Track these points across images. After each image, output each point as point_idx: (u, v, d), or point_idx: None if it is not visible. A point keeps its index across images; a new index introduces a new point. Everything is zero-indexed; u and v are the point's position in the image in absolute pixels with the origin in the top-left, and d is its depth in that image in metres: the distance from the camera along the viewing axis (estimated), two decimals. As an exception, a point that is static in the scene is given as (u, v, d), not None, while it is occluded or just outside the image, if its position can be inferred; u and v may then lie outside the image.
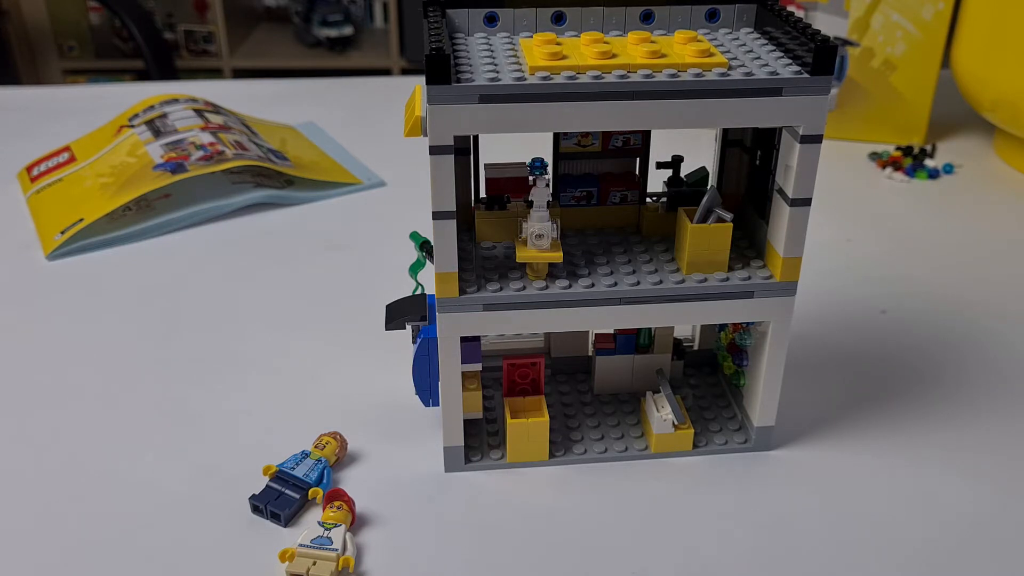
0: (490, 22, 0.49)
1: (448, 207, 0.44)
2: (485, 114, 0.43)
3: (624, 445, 0.53)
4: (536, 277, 0.49)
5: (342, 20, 2.60)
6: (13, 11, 2.50)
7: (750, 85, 0.43)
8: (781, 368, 0.51)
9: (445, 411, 0.50)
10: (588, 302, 0.48)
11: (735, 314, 0.49)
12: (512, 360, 0.53)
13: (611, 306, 0.48)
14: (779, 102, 0.44)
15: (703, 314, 0.49)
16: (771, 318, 0.50)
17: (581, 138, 0.52)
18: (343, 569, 0.45)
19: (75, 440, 0.55)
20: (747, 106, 0.44)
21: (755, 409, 0.53)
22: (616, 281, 0.48)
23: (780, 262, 0.48)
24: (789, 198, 0.46)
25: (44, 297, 0.70)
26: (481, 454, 0.53)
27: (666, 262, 0.50)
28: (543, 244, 0.48)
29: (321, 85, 1.21)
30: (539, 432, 0.52)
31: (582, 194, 0.53)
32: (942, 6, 0.91)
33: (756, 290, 0.49)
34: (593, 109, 0.43)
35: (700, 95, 0.43)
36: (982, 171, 0.95)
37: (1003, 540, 0.48)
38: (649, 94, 0.43)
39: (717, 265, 0.49)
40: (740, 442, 0.54)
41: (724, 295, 0.49)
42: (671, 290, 0.48)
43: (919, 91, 0.96)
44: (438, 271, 0.46)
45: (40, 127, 1.03)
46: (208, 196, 0.83)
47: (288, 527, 0.48)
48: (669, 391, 0.53)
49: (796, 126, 0.45)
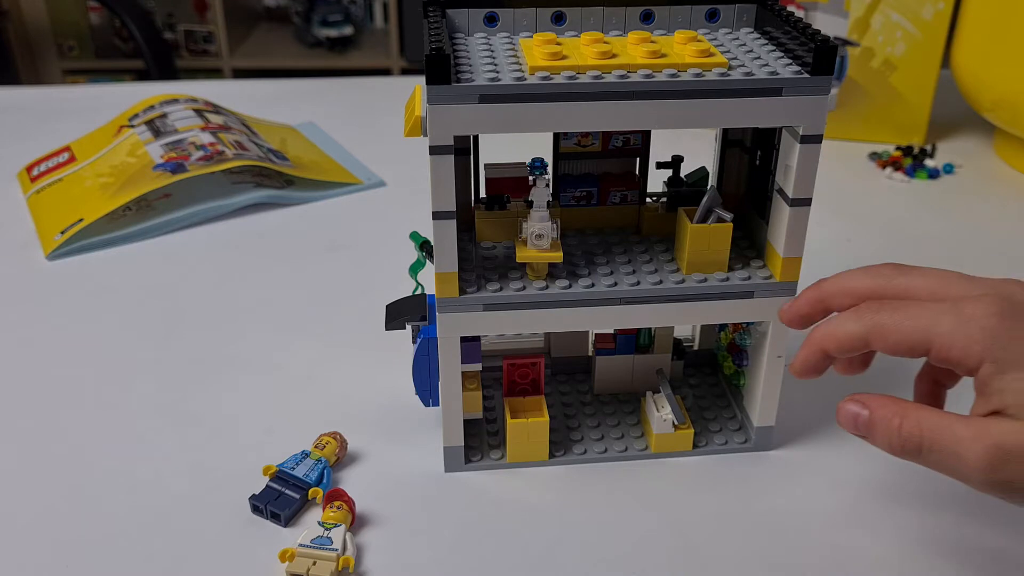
0: (490, 22, 0.49)
1: (448, 207, 0.44)
2: (485, 114, 0.43)
3: (624, 445, 0.53)
4: (536, 277, 0.49)
5: (342, 20, 2.60)
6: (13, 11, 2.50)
7: (750, 85, 0.43)
8: (781, 368, 0.51)
9: (445, 411, 0.50)
10: (588, 302, 0.48)
11: (735, 314, 0.49)
12: (512, 360, 0.53)
13: (611, 306, 0.48)
14: (779, 102, 0.44)
15: (703, 314, 0.49)
16: (771, 318, 0.50)
17: (581, 138, 0.52)
18: (343, 569, 0.45)
19: (75, 440, 0.55)
20: (747, 106, 0.44)
21: (755, 409, 0.53)
22: (616, 281, 0.48)
23: (780, 262, 0.48)
24: (789, 198, 0.46)
25: (44, 297, 0.70)
26: (481, 454, 0.53)
27: (666, 262, 0.50)
28: (543, 244, 0.48)
29: (321, 85, 1.21)
30: (539, 432, 0.52)
31: (582, 194, 0.53)
32: (942, 6, 0.91)
33: (756, 290, 0.49)
34: (593, 109, 0.43)
35: (700, 95, 0.43)
36: (982, 171, 0.95)
37: (1005, 539, 0.48)
38: (649, 94, 0.43)
39: (717, 265, 0.49)
40: (740, 442, 0.54)
41: (724, 295, 0.49)
42: (671, 290, 0.48)
43: (919, 91, 0.96)
44: (438, 271, 0.46)
45: (40, 127, 1.03)
46: (208, 196, 0.83)
47: (288, 527, 0.48)
48: (669, 391, 0.53)
49: (796, 126, 0.45)
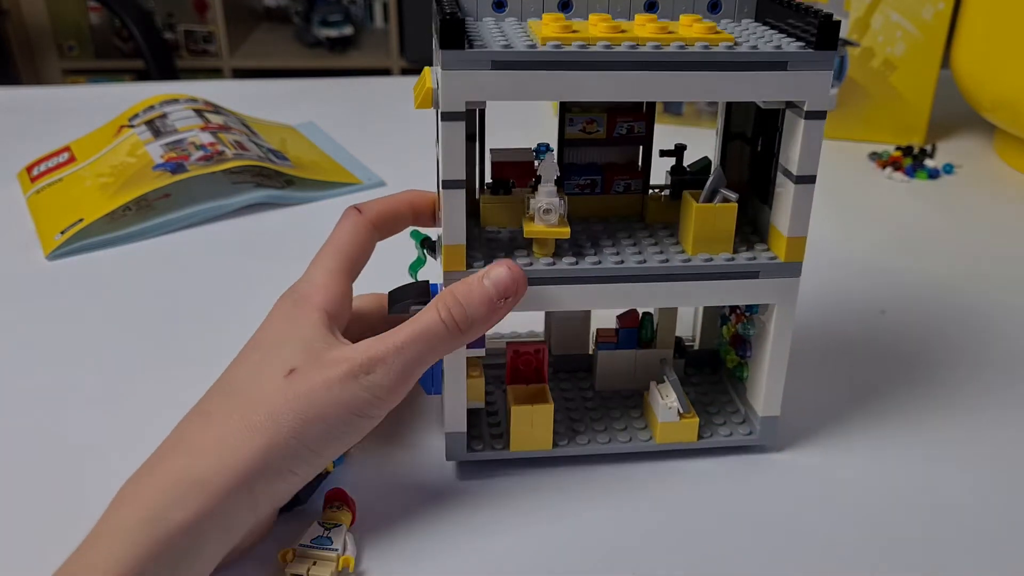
0: (498, 7, 0.50)
1: (458, 176, 0.44)
2: (497, 80, 0.43)
3: (628, 436, 0.53)
4: (543, 254, 0.49)
5: (342, 20, 2.61)
6: (13, 11, 2.50)
7: (756, 59, 0.44)
8: (786, 354, 0.51)
9: (447, 396, 0.50)
10: (594, 279, 0.48)
11: (740, 295, 0.50)
12: (516, 347, 0.53)
13: (617, 284, 0.48)
14: (784, 76, 0.45)
15: (708, 295, 0.49)
16: (776, 300, 0.50)
17: (586, 124, 0.53)
18: (343, 569, 0.45)
19: (75, 440, 0.55)
20: (753, 80, 0.45)
21: (759, 399, 0.53)
22: (623, 259, 0.49)
23: (784, 242, 0.48)
24: (794, 175, 0.47)
25: (44, 297, 0.70)
26: (483, 443, 0.53)
27: (671, 244, 0.51)
28: (551, 219, 0.48)
29: (321, 85, 1.21)
30: (543, 418, 0.51)
31: (586, 182, 0.54)
32: (942, 6, 0.91)
33: (761, 270, 0.49)
34: (603, 79, 0.44)
35: (708, 67, 0.44)
36: (982, 171, 0.95)
37: (1008, 538, 0.48)
38: (658, 65, 0.44)
39: (722, 245, 0.49)
40: (745, 433, 0.54)
41: (729, 275, 0.49)
42: (677, 268, 0.49)
43: (919, 91, 0.96)
44: (446, 243, 0.46)
45: (40, 127, 1.03)
46: (208, 196, 0.83)
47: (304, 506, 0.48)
48: (675, 378, 0.53)
49: (800, 101, 0.46)
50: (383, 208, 0.52)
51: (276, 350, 0.45)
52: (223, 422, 0.42)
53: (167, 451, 0.43)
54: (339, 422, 0.43)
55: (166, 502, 0.39)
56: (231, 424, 0.42)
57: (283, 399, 0.42)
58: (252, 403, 0.43)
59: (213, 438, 0.42)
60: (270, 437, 0.42)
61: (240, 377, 0.45)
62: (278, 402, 0.42)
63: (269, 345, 0.46)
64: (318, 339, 0.45)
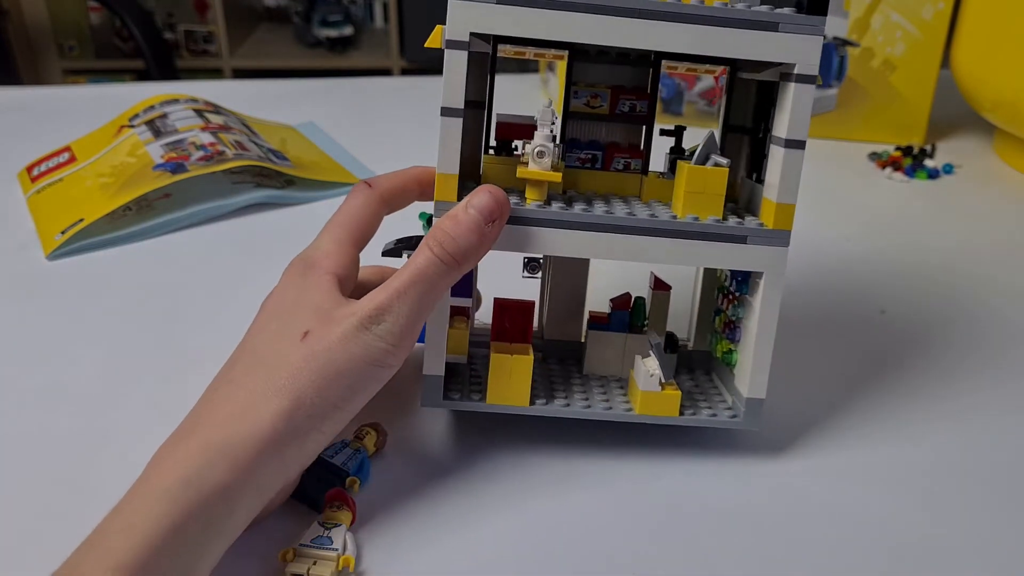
0: None
1: (456, 104, 0.46)
2: (502, 14, 0.46)
3: (609, 404, 0.53)
4: (534, 199, 0.49)
5: (342, 20, 2.61)
6: (13, 11, 2.50)
7: (749, 17, 0.46)
8: (772, 333, 0.51)
9: (429, 339, 0.50)
10: (582, 226, 0.49)
11: (728, 259, 0.50)
12: (503, 302, 0.53)
13: (604, 233, 0.49)
14: (776, 37, 0.47)
15: (695, 254, 0.50)
16: (764, 268, 0.50)
17: (591, 99, 0.54)
18: (343, 569, 0.45)
19: (76, 440, 0.55)
20: (746, 38, 0.47)
21: (745, 380, 0.52)
22: (612, 211, 0.50)
23: (773, 208, 0.49)
24: (783, 140, 0.48)
25: (44, 297, 0.70)
26: (461, 394, 0.53)
27: (663, 211, 0.52)
28: (544, 163, 0.48)
29: (321, 85, 1.21)
30: (522, 369, 0.51)
31: (587, 156, 0.55)
32: (942, 6, 0.91)
33: (749, 235, 0.50)
34: (602, 23, 0.46)
35: (703, 22, 0.46)
36: (982, 171, 0.95)
37: (1008, 538, 0.48)
38: (656, 15, 0.46)
39: (712, 209, 0.50)
40: (729, 416, 0.53)
41: (717, 236, 0.49)
42: (664, 223, 0.49)
43: (919, 91, 0.96)
44: (439, 172, 0.47)
45: (40, 127, 1.03)
46: (208, 196, 0.83)
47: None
48: (659, 343, 0.52)
49: (791, 63, 0.47)
50: (392, 183, 0.54)
51: (290, 316, 0.47)
52: (250, 388, 0.44)
53: (198, 418, 0.44)
54: (358, 375, 0.45)
55: (201, 464, 0.41)
56: (256, 390, 0.44)
57: (302, 361, 0.44)
58: (274, 368, 0.45)
59: (241, 404, 0.44)
60: (294, 398, 0.44)
61: (261, 345, 0.47)
62: (298, 364, 0.44)
63: (283, 312, 0.48)
64: (328, 301, 0.47)
